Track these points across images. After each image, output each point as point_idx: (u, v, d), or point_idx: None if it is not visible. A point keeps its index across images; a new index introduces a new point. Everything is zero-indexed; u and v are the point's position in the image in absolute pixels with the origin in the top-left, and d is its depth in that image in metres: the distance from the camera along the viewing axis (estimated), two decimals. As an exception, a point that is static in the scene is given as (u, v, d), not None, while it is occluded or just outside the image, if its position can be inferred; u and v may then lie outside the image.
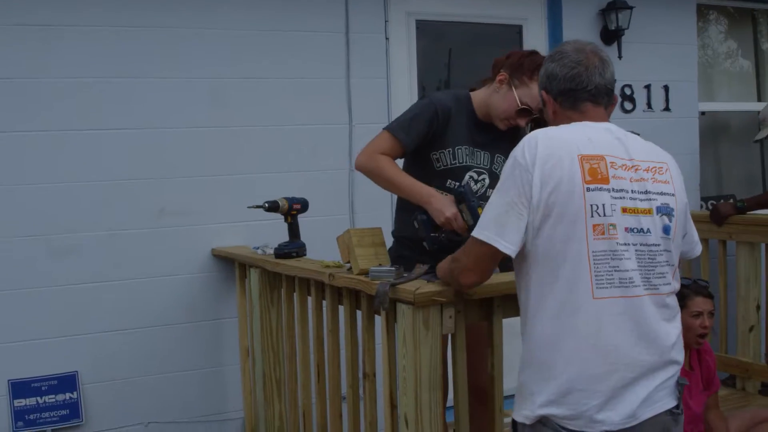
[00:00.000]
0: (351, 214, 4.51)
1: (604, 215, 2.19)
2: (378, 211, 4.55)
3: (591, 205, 2.19)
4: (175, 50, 4.15)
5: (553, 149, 2.23)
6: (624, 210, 2.22)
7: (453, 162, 3.20)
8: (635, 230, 2.22)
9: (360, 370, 3.18)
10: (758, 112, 5.37)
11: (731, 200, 5.39)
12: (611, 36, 5.16)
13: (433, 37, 4.86)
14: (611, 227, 2.19)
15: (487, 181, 3.24)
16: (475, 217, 2.91)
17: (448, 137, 3.19)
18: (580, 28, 5.11)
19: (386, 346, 2.92)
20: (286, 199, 3.64)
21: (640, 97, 5.34)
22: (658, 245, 2.25)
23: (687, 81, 5.49)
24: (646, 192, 2.26)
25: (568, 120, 2.37)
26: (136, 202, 4.10)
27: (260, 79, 4.30)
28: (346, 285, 3.05)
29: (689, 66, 5.53)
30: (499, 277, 2.85)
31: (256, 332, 3.82)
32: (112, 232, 4.06)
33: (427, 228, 3.05)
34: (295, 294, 3.57)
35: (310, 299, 3.45)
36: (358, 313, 3.14)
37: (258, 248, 3.82)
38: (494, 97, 3.18)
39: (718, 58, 6.05)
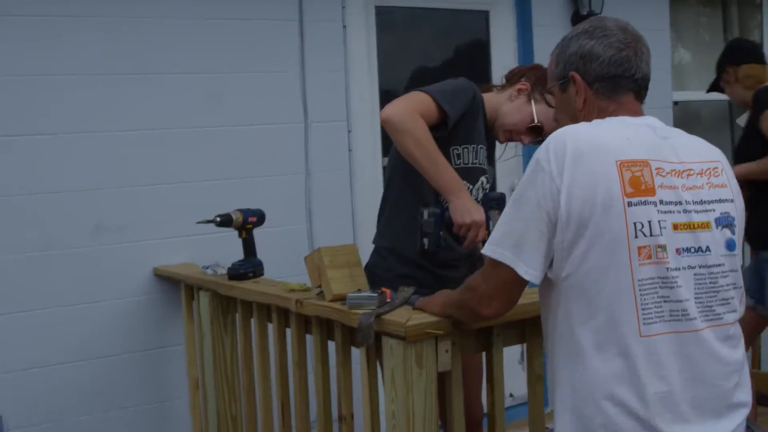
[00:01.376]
0: (308, 224, 4.05)
1: (651, 235, 1.78)
2: (338, 221, 4.11)
3: (634, 224, 1.78)
4: (109, 42, 3.62)
5: (586, 153, 1.80)
6: (675, 227, 1.81)
7: (474, 161, 2.81)
8: (692, 250, 1.81)
9: (334, 410, 2.75)
10: (729, 101, 5.05)
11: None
12: (582, 20, 4.76)
13: (394, 24, 4.42)
14: (660, 249, 1.78)
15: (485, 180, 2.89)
16: None
17: (475, 132, 2.80)
18: (551, 12, 4.74)
19: (367, 386, 2.48)
20: (240, 211, 3.18)
21: (613, 87, 4.97)
22: (721, 265, 1.85)
23: (661, 69, 5.09)
24: (701, 202, 1.86)
25: (601, 112, 1.96)
26: (69, 216, 3.56)
27: (201, 74, 3.80)
28: (317, 314, 2.60)
29: (663, 53, 5.18)
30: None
31: (208, 363, 3.34)
32: (42, 252, 3.52)
33: (438, 224, 2.60)
34: (252, 320, 3.11)
35: (271, 326, 3.00)
36: (330, 343, 2.70)
37: (208, 268, 3.34)
38: (507, 106, 2.83)
39: (688, 46, 5.73)
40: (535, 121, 2.78)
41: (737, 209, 1.92)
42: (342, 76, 4.12)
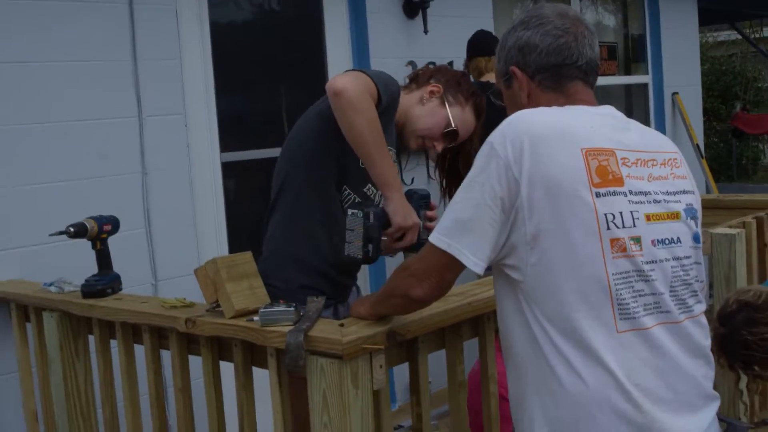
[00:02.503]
0: (147, 227, 3.66)
1: (624, 226, 1.68)
2: (179, 223, 3.76)
3: (605, 215, 1.67)
4: None
5: (547, 137, 1.68)
6: (648, 217, 1.71)
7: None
8: (666, 241, 1.73)
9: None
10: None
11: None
12: (414, 8, 4.67)
13: (226, 10, 4.10)
14: (633, 242, 1.68)
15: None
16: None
17: (387, 132, 2.51)
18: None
19: (281, 411, 2.22)
20: (93, 219, 2.77)
21: (442, 75, 4.90)
22: (689, 257, 1.78)
23: (485, 57, 5.12)
24: (669, 192, 1.78)
25: (551, 105, 1.83)
26: None
27: (22, 64, 3.31)
28: (217, 333, 2.29)
29: (486, 41, 5.17)
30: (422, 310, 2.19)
31: (58, 394, 2.90)
32: None
33: (379, 227, 2.33)
34: (114, 341, 2.72)
35: (139, 348, 2.64)
36: (222, 364, 2.41)
37: (51, 285, 2.90)
38: (417, 109, 2.60)
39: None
40: (452, 125, 2.59)
41: (697, 201, 1.86)
42: (177, 64, 3.76)
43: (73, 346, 2.86)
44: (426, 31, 4.69)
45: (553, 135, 1.69)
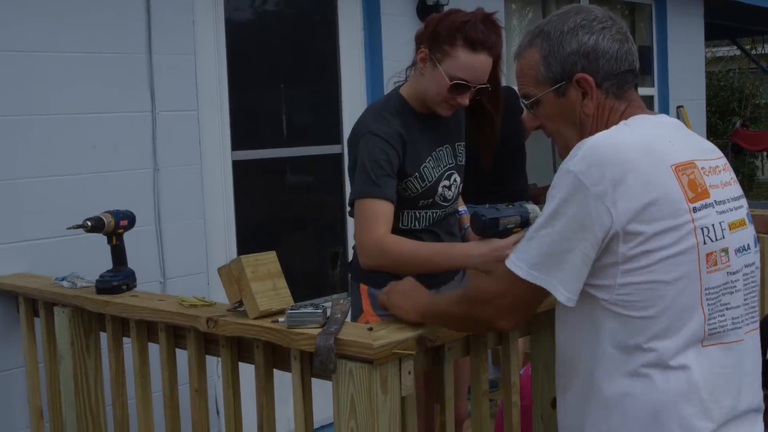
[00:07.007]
0: (157, 224, 3.60)
1: (715, 239, 1.63)
2: (189, 221, 3.71)
3: (702, 229, 1.61)
4: None
5: (636, 160, 1.60)
6: (731, 227, 1.67)
7: (423, 184, 2.58)
8: (741, 249, 1.69)
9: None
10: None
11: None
12: (428, 11, 4.60)
13: (241, 7, 4.06)
14: (723, 253, 1.64)
15: (458, 179, 2.70)
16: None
17: (409, 162, 2.54)
18: (398, 2, 4.54)
19: (302, 414, 2.17)
20: (110, 213, 2.72)
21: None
22: (754, 263, 1.73)
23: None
24: (735, 198, 1.73)
25: (613, 113, 1.76)
26: None
27: (32, 53, 3.25)
28: (240, 334, 2.24)
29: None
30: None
31: (67, 391, 2.85)
32: None
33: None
34: (127, 339, 2.67)
35: (153, 347, 2.59)
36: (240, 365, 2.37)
37: (64, 279, 2.85)
38: (422, 81, 2.55)
39: (513, 43, 5.75)
40: (448, 80, 2.47)
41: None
42: (192, 60, 3.71)
43: (84, 343, 2.81)
44: (439, 36, 4.65)
45: (640, 157, 1.61)
